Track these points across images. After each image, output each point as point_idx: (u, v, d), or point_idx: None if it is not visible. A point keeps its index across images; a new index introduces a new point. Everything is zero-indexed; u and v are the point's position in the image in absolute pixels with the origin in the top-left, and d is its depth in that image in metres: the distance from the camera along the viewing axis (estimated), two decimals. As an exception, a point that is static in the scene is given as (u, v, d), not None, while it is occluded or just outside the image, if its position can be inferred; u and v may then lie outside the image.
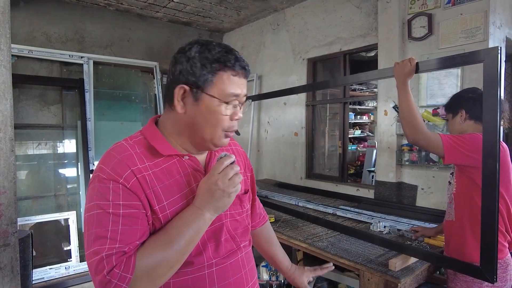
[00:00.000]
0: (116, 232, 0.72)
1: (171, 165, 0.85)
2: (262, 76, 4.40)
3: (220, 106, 0.82)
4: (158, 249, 0.74)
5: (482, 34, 2.30)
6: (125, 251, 0.71)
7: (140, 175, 0.78)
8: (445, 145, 1.46)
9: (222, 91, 0.81)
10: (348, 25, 3.30)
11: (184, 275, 0.82)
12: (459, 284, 1.53)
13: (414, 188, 2.70)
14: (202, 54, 0.81)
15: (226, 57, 0.81)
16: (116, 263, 0.69)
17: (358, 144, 5.96)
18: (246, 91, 0.89)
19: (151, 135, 0.87)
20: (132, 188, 0.76)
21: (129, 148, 0.82)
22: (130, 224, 0.74)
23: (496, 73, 1.13)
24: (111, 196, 0.75)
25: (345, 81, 3.00)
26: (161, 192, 0.80)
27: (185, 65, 0.81)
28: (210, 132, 0.84)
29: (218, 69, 0.81)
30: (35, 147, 3.44)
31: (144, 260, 0.72)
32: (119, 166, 0.78)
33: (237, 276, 0.90)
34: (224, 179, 0.78)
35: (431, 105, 2.55)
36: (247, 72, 0.86)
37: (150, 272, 0.72)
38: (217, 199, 0.79)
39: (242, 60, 0.84)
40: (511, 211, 1.54)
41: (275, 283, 2.53)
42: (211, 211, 0.79)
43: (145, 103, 4.18)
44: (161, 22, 4.42)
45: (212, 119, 0.83)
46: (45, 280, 2.98)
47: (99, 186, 0.76)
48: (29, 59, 3.43)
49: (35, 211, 3.32)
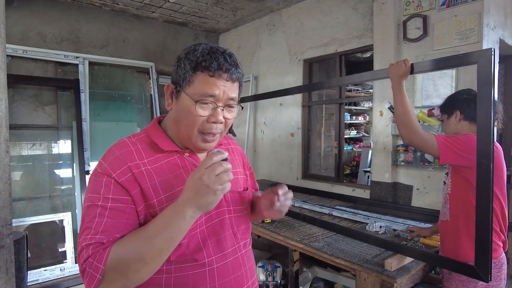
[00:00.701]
0: (100, 224, 0.75)
1: (172, 161, 0.87)
2: (258, 77, 4.40)
3: (193, 105, 0.82)
4: (132, 243, 0.74)
5: (476, 36, 2.33)
6: (104, 242, 0.74)
7: (138, 170, 0.81)
8: (440, 145, 1.47)
9: (197, 90, 0.82)
10: (344, 26, 3.32)
11: (184, 270, 0.83)
12: (454, 284, 1.54)
13: (410, 188, 2.72)
14: (188, 55, 0.84)
15: (205, 58, 0.82)
16: (91, 253, 0.72)
17: (353, 144, 5.98)
18: (235, 94, 0.87)
19: (154, 133, 0.90)
20: (123, 183, 0.79)
21: (130, 145, 0.86)
22: (115, 217, 0.77)
23: (489, 74, 1.14)
24: (102, 190, 0.78)
25: (341, 82, 3.01)
26: (159, 186, 0.82)
27: (176, 66, 0.86)
28: (187, 132, 0.85)
29: (196, 69, 0.82)
30: (30, 147, 3.42)
31: (117, 252, 0.73)
32: (116, 162, 0.81)
33: (238, 273, 0.90)
34: (211, 174, 0.72)
35: (426, 105, 2.57)
36: (229, 74, 0.83)
37: (123, 265, 0.72)
38: (200, 196, 0.73)
39: (225, 62, 0.83)
40: (505, 210, 1.55)
41: (271, 284, 2.53)
42: (193, 208, 0.74)
43: (140, 104, 4.17)
44: (157, 22, 4.41)
45: (187, 118, 0.84)
46: (40, 282, 2.96)
47: (95, 180, 0.81)
48: (24, 59, 3.41)
49: (29, 212, 3.30)
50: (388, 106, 2.70)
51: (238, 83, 0.88)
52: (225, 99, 0.85)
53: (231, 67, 0.84)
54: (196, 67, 0.82)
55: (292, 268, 2.19)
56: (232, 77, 0.85)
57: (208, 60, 0.81)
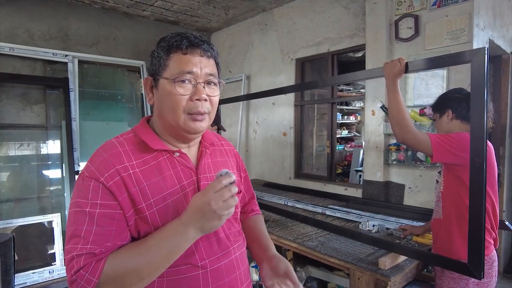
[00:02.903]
0: (89, 232, 0.72)
1: (160, 162, 0.85)
2: (250, 76, 4.39)
3: (172, 84, 0.82)
4: (131, 258, 0.73)
5: (466, 36, 2.35)
6: (95, 253, 0.71)
7: (126, 174, 0.79)
8: (433, 144, 1.48)
9: (174, 71, 0.82)
10: (336, 25, 3.32)
11: (177, 274, 0.81)
12: (446, 281, 1.55)
13: (402, 187, 2.74)
14: (159, 44, 0.86)
15: (175, 39, 0.83)
16: (83, 264, 0.70)
17: (345, 144, 6.02)
18: (213, 71, 0.86)
19: (142, 131, 0.88)
20: (111, 188, 0.76)
21: (118, 146, 0.83)
22: (104, 224, 0.74)
23: (483, 73, 1.15)
24: (90, 195, 0.75)
25: (335, 80, 3.02)
26: (148, 189, 0.80)
27: (150, 59, 0.88)
28: (173, 116, 0.83)
29: (169, 52, 0.83)
30: (17, 148, 3.34)
31: (113, 266, 0.71)
32: (103, 165, 0.78)
33: (232, 277, 0.89)
34: (219, 200, 0.72)
35: (418, 105, 2.59)
36: (203, 50, 0.84)
37: (118, 280, 0.71)
38: (206, 220, 0.73)
39: (195, 38, 0.84)
40: (496, 208, 1.57)
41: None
42: (196, 230, 0.74)
43: (131, 103, 4.12)
44: (148, 20, 4.36)
45: (169, 100, 0.83)
46: (28, 284, 2.88)
47: (82, 184, 0.78)
48: (11, 57, 3.32)
49: (17, 213, 3.22)
50: (380, 105, 2.71)
51: (214, 60, 0.88)
52: (204, 75, 0.84)
53: (203, 43, 0.85)
54: (169, 50, 0.83)
55: (286, 267, 2.18)
56: (206, 53, 0.85)
57: (179, 40, 0.83)
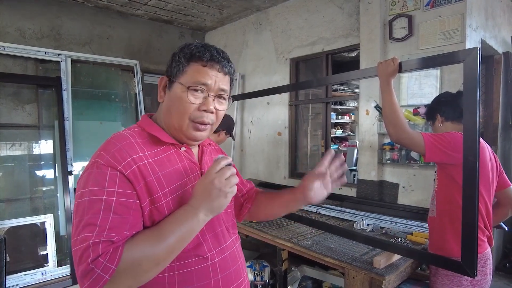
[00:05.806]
0: (106, 220, 0.71)
1: (170, 155, 0.88)
2: (245, 76, 4.38)
3: (185, 92, 0.85)
4: (147, 243, 0.73)
5: (459, 36, 2.37)
6: (113, 240, 0.70)
7: (142, 163, 0.80)
8: (426, 143, 1.49)
9: (190, 79, 0.86)
10: (330, 25, 3.33)
11: (187, 267, 0.83)
12: (440, 278, 1.56)
13: (396, 186, 2.75)
14: (183, 49, 0.89)
15: (199, 50, 0.87)
16: (102, 252, 0.67)
17: (339, 143, 6.04)
18: (226, 87, 0.91)
19: (149, 127, 0.90)
20: (129, 176, 0.76)
21: (130, 137, 0.84)
22: (121, 213, 0.73)
23: (475, 72, 1.16)
24: (107, 183, 0.74)
25: (329, 80, 3.03)
26: (163, 179, 0.82)
27: (170, 60, 0.90)
28: (178, 120, 0.87)
29: (190, 60, 0.86)
30: (9, 148, 3.29)
31: (131, 252, 0.70)
32: (120, 154, 0.78)
33: (235, 266, 0.93)
34: (221, 178, 0.78)
35: (411, 104, 2.61)
36: (221, 66, 0.88)
37: (135, 266, 0.70)
38: (213, 199, 0.77)
39: (218, 54, 0.88)
40: (489, 207, 1.59)
41: (260, 283, 2.52)
42: (206, 211, 0.78)
43: (125, 103, 4.07)
44: (142, 20, 4.33)
45: (179, 105, 0.86)
46: (20, 286, 2.85)
47: (96, 172, 0.76)
48: (2, 56, 3.28)
49: (9, 214, 3.17)
50: (374, 104, 2.73)
51: (229, 77, 0.92)
52: (217, 89, 0.88)
53: (223, 60, 0.89)
54: (190, 58, 0.86)
55: (281, 267, 2.18)
56: (224, 69, 0.89)
57: (202, 51, 0.86)
